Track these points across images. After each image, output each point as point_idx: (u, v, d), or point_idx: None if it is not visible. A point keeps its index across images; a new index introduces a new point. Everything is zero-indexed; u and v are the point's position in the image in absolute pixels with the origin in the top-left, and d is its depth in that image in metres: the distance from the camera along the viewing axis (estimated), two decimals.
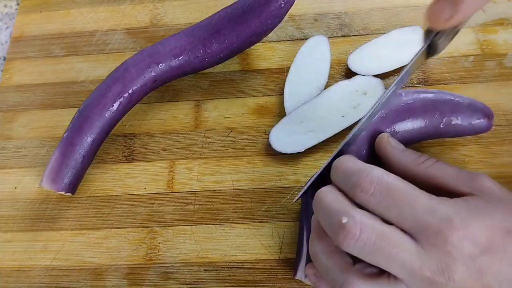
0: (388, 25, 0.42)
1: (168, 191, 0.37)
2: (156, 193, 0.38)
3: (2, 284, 0.36)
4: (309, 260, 0.31)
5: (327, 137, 0.37)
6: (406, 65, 0.29)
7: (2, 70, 0.46)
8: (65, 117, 0.41)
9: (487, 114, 0.33)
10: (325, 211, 0.26)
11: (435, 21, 0.26)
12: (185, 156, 0.39)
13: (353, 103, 0.37)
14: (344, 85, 0.38)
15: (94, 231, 0.37)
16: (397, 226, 0.24)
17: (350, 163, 0.27)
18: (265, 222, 0.35)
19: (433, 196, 0.25)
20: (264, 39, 0.40)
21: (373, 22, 0.43)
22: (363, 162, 0.27)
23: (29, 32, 0.47)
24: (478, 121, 0.33)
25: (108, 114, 0.36)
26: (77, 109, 0.37)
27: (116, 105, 0.36)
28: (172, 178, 0.38)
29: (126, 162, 0.39)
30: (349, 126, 0.37)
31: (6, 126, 0.42)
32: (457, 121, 0.33)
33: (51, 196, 0.38)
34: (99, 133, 0.36)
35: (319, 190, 0.28)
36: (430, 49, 0.29)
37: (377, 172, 0.25)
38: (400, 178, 0.25)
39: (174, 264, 0.35)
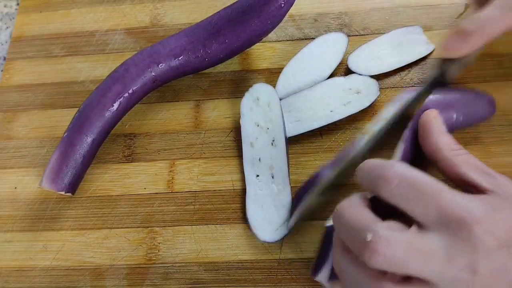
0: (388, 25, 0.42)
1: (168, 191, 0.37)
2: (156, 193, 0.38)
3: (2, 284, 0.36)
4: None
5: (311, 129, 0.37)
6: (414, 95, 0.32)
7: (2, 70, 0.46)
8: (65, 117, 0.41)
9: (491, 102, 0.36)
10: (347, 228, 0.26)
11: (448, 50, 0.31)
12: (185, 156, 0.39)
13: (344, 100, 0.38)
14: (339, 81, 0.38)
15: (94, 231, 0.37)
16: (420, 221, 0.24)
17: (375, 161, 0.28)
18: None
19: (455, 191, 0.25)
20: (264, 39, 0.40)
21: (373, 22, 0.43)
22: (380, 160, 0.27)
23: (29, 32, 0.47)
24: (485, 111, 0.35)
25: (108, 114, 0.36)
26: (77, 109, 0.37)
27: (116, 105, 0.36)
28: (172, 178, 0.38)
29: (126, 162, 0.39)
30: (335, 121, 0.37)
31: (6, 126, 0.42)
32: (467, 115, 0.34)
33: (51, 196, 0.38)
34: (99, 133, 0.36)
35: (338, 206, 0.27)
36: (442, 78, 0.32)
37: (401, 166, 0.26)
38: (424, 173, 0.26)
39: (174, 264, 0.35)
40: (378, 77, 0.39)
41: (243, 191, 0.37)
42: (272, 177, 0.35)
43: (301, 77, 0.40)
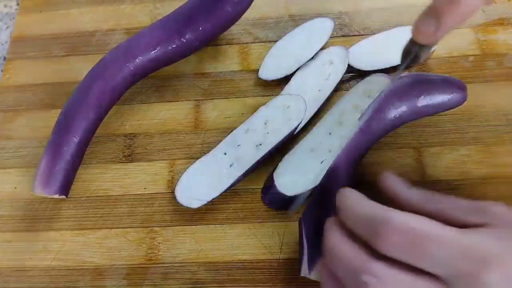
0: (388, 25, 0.42)
1: (168, 191, 0.37)
2: (156, 193, 0.38)
3: (2, 284, 0.36)
4: (311, 254, 0.31)
5: (312, 114, 0.38)
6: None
7: (2, 70, 0.46)
8: None
9: (461, 86, 0.35)
10: (342, 264, 0.25)
11: (420, 35, 0.28)
12: (185, 156, 0.39)
13: (324, 75, 0.39)
14: (310, 63, 0.40)
15: (94, 231, 0.37)
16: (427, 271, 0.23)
17: (363, 206, 0.25)
18: (265, 222, 0.35)
19: (464, 231, 0.23)
20: (264, 39, 0.41)
21: (373, 22, 0.43)
22: (376, 204, 0.25)
23: (29, 32, 0.47)
24: (453, 94, 0.35)
25: (91, 113, 0.36)
26: None
27: (98, 103, 0.36)
28: (172, 178, 0.38)
29: (126, 162, 0.39)
30: (327, 98, 0.39)
31: (6, 126, 0.42)
32: (435, 98, 0.35)
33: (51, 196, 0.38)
34: (85, 133, 0.36)
35: (328, 235, 0.26)
36: (411, 61, 0.31)
37: (399, 218, 0.23)
38: (424, 218, 0.24)
39: (174, 264, 0.35)
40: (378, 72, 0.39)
41: (243, 190, 0.37)
42: (231, 165, 0.35)
43: (285, 59, 0.40)
